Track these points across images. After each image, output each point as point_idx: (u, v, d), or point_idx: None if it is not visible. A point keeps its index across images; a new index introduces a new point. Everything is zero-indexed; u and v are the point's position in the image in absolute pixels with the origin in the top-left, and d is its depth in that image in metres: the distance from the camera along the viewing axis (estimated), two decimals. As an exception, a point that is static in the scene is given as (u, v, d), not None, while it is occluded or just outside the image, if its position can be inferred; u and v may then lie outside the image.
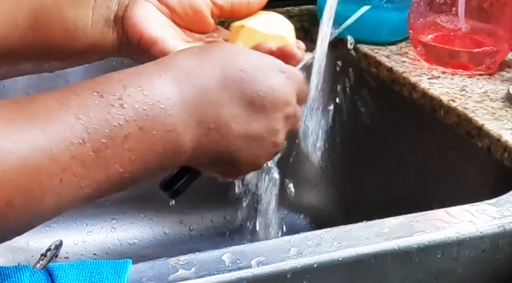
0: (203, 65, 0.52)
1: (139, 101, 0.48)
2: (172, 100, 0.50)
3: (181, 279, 0.55)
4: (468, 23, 0.98)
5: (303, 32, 1.09)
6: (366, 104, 1.06)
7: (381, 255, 0.61)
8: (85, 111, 0.45)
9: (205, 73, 0.52)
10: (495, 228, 0.65)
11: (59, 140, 0.44)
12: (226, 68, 0.53)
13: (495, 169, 0.81)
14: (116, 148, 0.46)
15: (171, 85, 0.50)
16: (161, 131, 0.49)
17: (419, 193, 0.95)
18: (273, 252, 0.59)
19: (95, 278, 0.53)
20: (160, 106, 0.49)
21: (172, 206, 1.10)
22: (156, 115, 0.48)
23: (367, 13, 1.04)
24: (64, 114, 0.45)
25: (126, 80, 0.49)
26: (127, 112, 0.47)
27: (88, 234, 1.06)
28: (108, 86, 0.48)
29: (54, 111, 0.45)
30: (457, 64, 0.96)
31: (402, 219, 0.65)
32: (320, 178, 1.12)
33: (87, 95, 0.47)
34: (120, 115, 0.47)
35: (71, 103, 0.46)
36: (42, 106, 0.45)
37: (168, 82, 0.50)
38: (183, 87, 0.51)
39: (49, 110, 0.45)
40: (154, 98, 0.48)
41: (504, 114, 0.85)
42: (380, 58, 1.00)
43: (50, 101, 0.46)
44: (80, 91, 0.47)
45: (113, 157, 0.46)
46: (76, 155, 0.45)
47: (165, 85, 0.50)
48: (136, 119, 0.47)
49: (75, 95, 0.46)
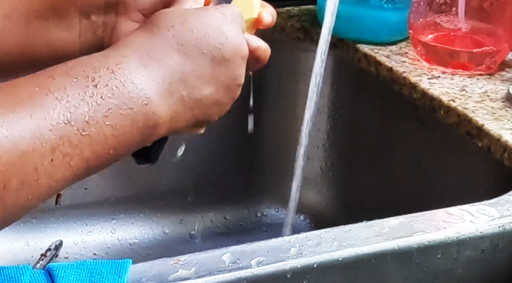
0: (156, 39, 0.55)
1: (110, 80, 0.50)
2: (140, 75, 0.52)
3: (181, 279, 0.56)
4: (468, 23, 0.98)
5: (303, 32, 1.09)
6: (366, 104, 1.06)
7: (381, 255, 0.61)
8: (63, 93, 0.48)
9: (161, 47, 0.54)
10: (495, 228, 0.65)
11: (45, 122, 0.47)
12: (177, 35, 0.55)
13: (495, 169, 0.81)
14: (99, 125, 0.49)
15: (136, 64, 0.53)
16: (137, 105, 0.51)
17: (419, 193, 0.95)
18: (273, 252, 0.59)
19: (95, 278, 0.53)
20: (131, 82, 0.51)
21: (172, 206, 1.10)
22: (129, 91, 0.51)
23: (367, 13, 1.04)
24: (45, 98, 0.48)
25: (94, 63, 0.51)
26: (101, 92, 0.49)
27: (88, 234, 1.06)
28: (80, 70, 0.50)
29: (36, 96, 0.48)
30: (457, 64, 0.96)
31: (402, 219, 0.65)
32: (320, 178, 1.13)
33: (62, 78, 0.49)
34: (96, 94, 0.49)
35: (50, 87, 0.48)
36: (24, 92, 0.48)
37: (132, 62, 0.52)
38: (146, 64, 0.53)
39: (32, 95, 0.48)
40: (124, 76, 0.51)
41: (504, 114, 0.85)
42: (380, 58, 1.00)
43: (31, 87, 0.48)
44: (56, 75, 0.50)
45: (97, 135, 0.49)
46: (63, 134, 0.47)
47: (131, 66, 0.52)
48: (111, 96, 0.50)
49: (51, 80, 0.49)
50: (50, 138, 0.47)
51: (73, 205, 1.05)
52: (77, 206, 1.05)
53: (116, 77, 0.51)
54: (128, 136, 0.51)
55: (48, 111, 0.47)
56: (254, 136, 1.14)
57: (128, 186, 1.07)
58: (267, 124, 1.13)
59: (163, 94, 0.53)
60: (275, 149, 1.14)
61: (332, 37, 0.89)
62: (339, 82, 1.09)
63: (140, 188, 1.08)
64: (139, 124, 0.51)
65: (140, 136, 0.52)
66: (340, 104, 1.10)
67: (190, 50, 0.55)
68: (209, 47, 0.55)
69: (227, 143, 1.12)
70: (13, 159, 0.45)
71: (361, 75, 1.04)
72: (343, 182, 1.11)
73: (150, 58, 0.53)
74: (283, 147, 1.12)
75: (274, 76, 1.10)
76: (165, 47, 0.54)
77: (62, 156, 0.47)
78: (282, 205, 1.12)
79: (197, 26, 0.56)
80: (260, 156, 1.15)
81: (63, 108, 0.48)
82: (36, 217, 1.04)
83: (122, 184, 1.07)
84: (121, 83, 0.51)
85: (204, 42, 0.55)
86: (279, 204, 1.13)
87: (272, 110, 1.13)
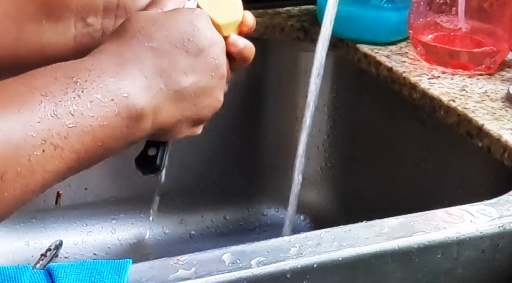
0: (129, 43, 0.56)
1: (89, 76, 0.52)
2: (116, 71, 0.54)
3: (181, 279, 0.56)
4: (468, 23, 0.98)
5: (303, 32, 1.09)
6: (366, 104, 1.06)
7: (381, 255, 0.61)
8: (47, 90, 0.50)
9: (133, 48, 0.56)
10: (495, 228, 0.65)
11: (33, 115, 0.49)
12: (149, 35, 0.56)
13: (495, 169, 0.81)
14: (83, 118, 0.51)
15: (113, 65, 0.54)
16: (118, 97, 0.53)
17: (419, 193, 0.95)
18: (273, 252, 0.59)
19: (95, 278, 0.53)
20: (109, 78, 0.53)
21: (172, 206, 1.10)
22: (107, 84, 0.52)
23: (367, 13, 1.04)
24: (32, 95, 0.50)
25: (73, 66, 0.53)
26: (82, 86, 0.51)
27: (88, 234, 1.06)
28: (60, 72, 0.52)
29: (23, 93, 0.50)
30: (457, 64, 0.96)
31: (402, 219, 0.65)
32: (320, 178, 1.13)
33: (44, 79, 0.52)
34: (76, 89, 0.51)
35: (35, 85, 0.50)
36: (12, 91, 0.50)
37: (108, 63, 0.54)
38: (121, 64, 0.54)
39: (19, 93, 0.50)
40: (101, 71, 0.53)
41: (504, 114, 0.85)
42: (380, 58, 1.00)
43: (18, 86, 0.50)
44: (38, 76, 0.52)
45: (83, 126, 0.51)
46: (51, 127, 0.49)
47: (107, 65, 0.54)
48: (91, 90, 0.52)
49: (35, 79, 0.51)
50: (40, 130, 0.48)
51: (73, 205, 1.05)
52: (77, 206, 1.05)
53: (95, 74, 0.53)
54: (115, 128, 0.52)
55: (35, 106, 0.49)
56: (254, 137, 1.14)
57: (128, 186, 1.07)
58: (267, 124, 1.13)
59: (142, 88, 0.54)
60: (275, 149, 1.14)
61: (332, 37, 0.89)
62: (339, 82, 1.09)
63: (140, 188, 1.08)
64: (123, 115, 0.53)
65: (126, 129, 0.53)
66: (340, 104, 1.10)
67: (163, 45, 0.56)
68: (182, 41, 0.57)
69: (227, 143, 1.12)
70: (8, 150, 0.47)
71: (361, 75, 1.04)
72: (343, 182, 1.11)
73: (125, 60, 0.55)
74: (283, 147, 1.12)
75: (274, 76, 1.10)
76: (137, 49, 0.56)
77: (53, 147, 0.49)
78: (282, 205, 1.12)
79: (168, 24, 0.57)
80: (260, 156, 1.14)
81: (48, 102, 0.49)
82: (36, 217, 1.04)
83: (122, 184, 1.07)
84: (100, 78, 0.52)
85: (175, 36, 0.57)
86: (279, 204, 1.13)
87: (272, 110, 1.13)
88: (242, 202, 1.14)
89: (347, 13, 1.01)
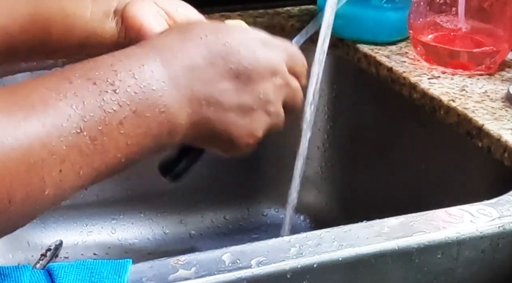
0: (186, 43, 0.53)
1: (131, 85, 0.49)
2: (161, 80, 0.50)
3: (181, 279, 0.55)
4: (468, 23, 0.98)
5: (303, 32, 1.09)
6: (366, 104, 1.06)
7: (381, 255, 0.61)
8: (80, 99, 0.46)
9: (190, 52, 0.53)
10: (495, 228, 0.65)
11: (57, 132, 0.45)
12: (209, 45, 0.54)
13: (495, 169, 0.81)
14: (112, 134, 0.47)
15: (159, 66, 0.51)
16: (154, 113, 0.49)
17: (419, 192, 0.95)
18: (273, 252, 0.59)
19: (95, 278, 0.53)
20: (151, 88, 0.50)
21: (172, 206, 1.10)
22: (148, 98, 0.49)
23: (367, 13, 1.04)
24: (60, 104, 0.45)
25: (116, 64, 0.49)
26: (120, 98, 0.48)
27: (88, 234, 1.06)
28: (100, 72, 0.48)
29: (50, 102, 0.45)
30: (457, 64, 0.96)
31: (402, 219, 0.65)
32: (320, 178, 1.12)
33: (80, 82, 0.47)
34: (114, 101, 0.47)
35: (66, 93, 0.46)
36: (37, 97, 0.45)
37: (156, 64, 0.51)
38: (170, 67, 0.51)
39: (46, 101, 0.45)
40: (145, 81, 0.49)
41: (504, 114, 0.85)
42: (380, 58, 1.00)
43: (45, 90, 0.46)
44: (73, 78, 0.47)
45: (109, 143, 0.47)
46: (74, 144, 0.45)
47: (154, 67, 0.51)
48: (129, 103, 0.48)
49: (68, 83, 0.47)
50: (61, 148, 0.45)
51: (73, 205, 1.05)
52: (77, 206, 1.05)
53: (137, 82, 0.49)
54: (142, 145, 0.50)
55: (61, 120, 0.45)
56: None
57: (128, 186, 1.07)
58: (267, 124, 1.13)
59: (183, 102, 0.51)
60: (275, 149, 1.14)
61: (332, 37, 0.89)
62: (339, 82, 1.09)
63: (140, 188, 1.08)
64: (154, 131, 0.50)
65: (154, 144, 0.51)
66: (340, 104, 1.10)
67: (218, 61, 0.54)
68: (237, 64, 0.54)
69: (227, 143, 1.12)
70: (19, 168, 0.43)
71: (361, 75, 1.04)
72: (343, 182, 1.11)
73: (176, 61, 0.52)
74: (283, 147, 1.12)
75: (274, 76, 1.10)
76: (194, 52, 0.53)
77: (71, 165, 0.45)
78: (282, 205, 1.12)
79: (231, 42, 0.54)
80: (260, 156, 1.14)
81: (78, 116, 0.45)
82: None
83: (122, 184, 1.07)
84: (141, 89, 0.49)
85: (233, 58, 0.54)
86: (279, 204, 1.13)
87: (272, 110, 1.13)
88: (242, 202, 1.14)
89: (347, 13, 1.01)
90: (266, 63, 0.56)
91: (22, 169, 0.43)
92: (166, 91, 0.50)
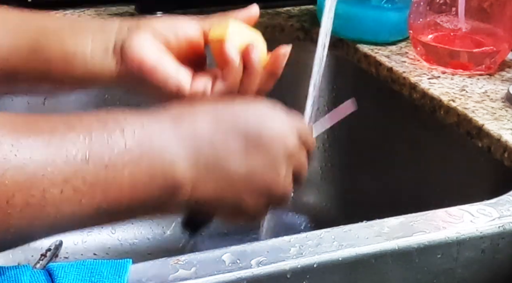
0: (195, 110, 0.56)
1: (138, 131, 0.50)
2: (168, 135, 0.52)
3: (181, 279, 0.55)
4: (468, 23, 0.98)
5: (303, 32, 1.09)
6: (366, 104, 1.06)
7: (381, 255, 0.61)
8: (89, 133, 0.48)
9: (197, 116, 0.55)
10: (495, 228, 0.65)
11: (62, 153, 0.46)
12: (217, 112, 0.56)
13: (495, 169, 0.81)
14: (116, 172, 0.48)
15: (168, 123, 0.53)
16: (159, 162, 0.51)
17: (419, 193, 0.95)
18: (273, 252, 0.59)
19: (95, 278, 0.53)
20: (158, 139, 0.51)
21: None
22: (154, 146, 0.51)
23: (367, 13, 1.04)
24: (68, 133, 0.48)
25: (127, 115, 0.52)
26: (127, 140, 0.49)
27: (88, 234, 1.06)
28: (111, 117, 0.51)
29: (59, 129, 0.48)
30: (457, 64, 0.96)
31: (402, 219, 0.65)
32: (320, 178, 1.12)
33: (90, 121, 0.49)
34: (121, 141, 0.49)
35: (76, 126, 0.48)
36: (47, 124, 0.48)
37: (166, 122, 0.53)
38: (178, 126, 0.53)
39: (54, 128, 0.48)
40: (153, 131, 0.51)
41: (504, 114, 0.85)
42: (380, 58, 1.00)
43: (55, 121, 0.48)
44: (84, 118, 0.50)
45: (113, 180, 0.48)
46: (78, 170, 0.47)
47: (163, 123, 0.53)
48: (136, 146, 0.50)
49: (79, 120, 0.49)
50: (64, 169, 0.46)
51: (73, 205, 1.05)
52: (77, 206, 1.05)
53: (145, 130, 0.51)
54: (146, 191, 0.51)
55: (68, 144, 0.47)
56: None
57: (128, 186, 1.07)
58: (267, 124, 1.13)
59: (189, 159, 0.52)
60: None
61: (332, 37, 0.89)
62: (339, 82, 1.09)
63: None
64: (158, 180, 0.51)
65: (157, 195, 0.51)
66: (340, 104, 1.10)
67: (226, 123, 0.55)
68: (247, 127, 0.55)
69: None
70: (19, 177, 0.45)
71: (361, 75, 1.03)
72: (343, 182, 1.11)
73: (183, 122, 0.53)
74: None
75: (274, 76, 1.10)
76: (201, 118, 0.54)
77: (73, 190, 0.47)
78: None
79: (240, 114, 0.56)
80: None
81: (84, 146, 0.47)
82: (36, 217, 1.04)
83: (122, 184, 1.07)
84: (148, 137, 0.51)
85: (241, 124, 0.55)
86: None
87: (272, 110, 1.13)
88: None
89: (347, 13, 1.01)
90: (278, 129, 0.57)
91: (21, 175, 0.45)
92: (172, 146, 0.52)
